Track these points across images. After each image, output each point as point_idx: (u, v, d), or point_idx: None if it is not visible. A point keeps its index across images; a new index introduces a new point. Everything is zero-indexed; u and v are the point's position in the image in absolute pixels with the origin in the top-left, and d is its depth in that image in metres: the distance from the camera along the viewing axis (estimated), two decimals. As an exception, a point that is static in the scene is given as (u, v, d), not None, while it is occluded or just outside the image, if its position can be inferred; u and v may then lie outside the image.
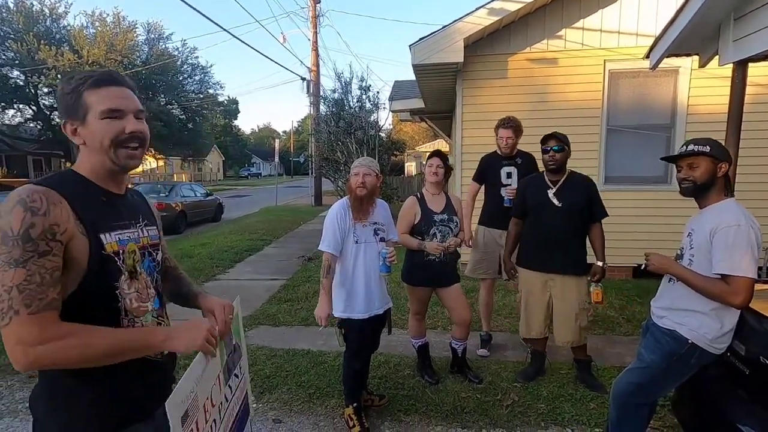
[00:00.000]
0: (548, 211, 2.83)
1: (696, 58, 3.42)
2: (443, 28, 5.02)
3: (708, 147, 1.79)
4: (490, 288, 3.61)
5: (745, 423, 1.73)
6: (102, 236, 0.99)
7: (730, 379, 1.95)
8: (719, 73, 4.44)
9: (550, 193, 2.83)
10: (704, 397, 2.03)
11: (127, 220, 1.09)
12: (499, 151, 3.47)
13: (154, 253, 1.18)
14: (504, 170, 3.44)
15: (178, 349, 1.03)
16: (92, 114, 1.01)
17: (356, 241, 2.44)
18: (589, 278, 2.84)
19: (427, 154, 3.08)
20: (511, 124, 3.36)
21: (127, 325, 1.04)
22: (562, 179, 2.84)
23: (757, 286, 2.22)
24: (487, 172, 3.51)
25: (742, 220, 1.70)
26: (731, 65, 2.86)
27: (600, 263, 2.83)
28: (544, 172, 2.92)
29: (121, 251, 1.03)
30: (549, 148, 2.79)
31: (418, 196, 2.94)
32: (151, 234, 1.18)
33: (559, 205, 2.81)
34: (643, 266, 2.02)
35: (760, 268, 4.93)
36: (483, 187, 3.59)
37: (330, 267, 2.39)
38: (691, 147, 1.83)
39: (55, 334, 0.89)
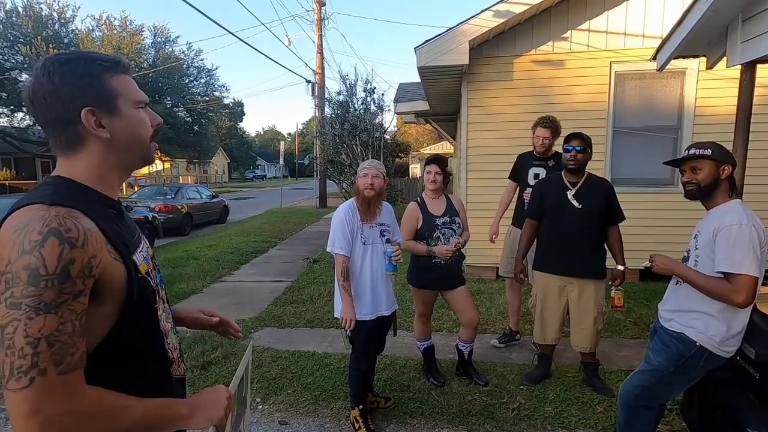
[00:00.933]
0: (567, 213, 2.79)
1: (703, 59, 3.40)
2: (448, 30, 5.03)
3: (709, 150, 1.80)
4: (512, 288, 3.62)
5: (755, 427, 1.72)
6: (134, 257, 0.85)
7: (739, 382, 1.93)
8: (726, 74, 4.42)
9: (570, 194, 2.79)
10: (713, 401, 2.01)
11: (134, 231, 0.94)
12: (534, 151, 3.43)
13: (157, 263, 1.03)
14: (532, 171, 3.40)
15: (198, 426, 0.87)
16: (124, 102, 0.86)
17: (363, 243, 2.44)
18: (609, 282, 2.75)
19: (425, 159, 3.07)
20: (550, 124, 3.30)
21: (166, 349, 0.93)
22: (581, 181, 2.80)
23: (767, 290, 2.21)
24: (518, 171, 3.49)
25: (744, 220, 1.71)
26: (739, 67, 2.84)
27: (620, 267, 2.74)
28: (562, 173, 2.88)
29: (149, 270, 0.91)
30: (572, 147, 2.74)
31: (419, 200, 2.94)
32: (147, 242, 1.02)
33: (579, 206, 2.76)
34: (644, 266, 2.02)
35: (768, 271, 4.90)
36: (517, 185, 3.59)
37: (347, 269, 2.39)
38: (692, 150, 1.85)
39: (85, 402, 0.71)
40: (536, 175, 3.37)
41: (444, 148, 20.51)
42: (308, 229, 10.81)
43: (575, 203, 2.77)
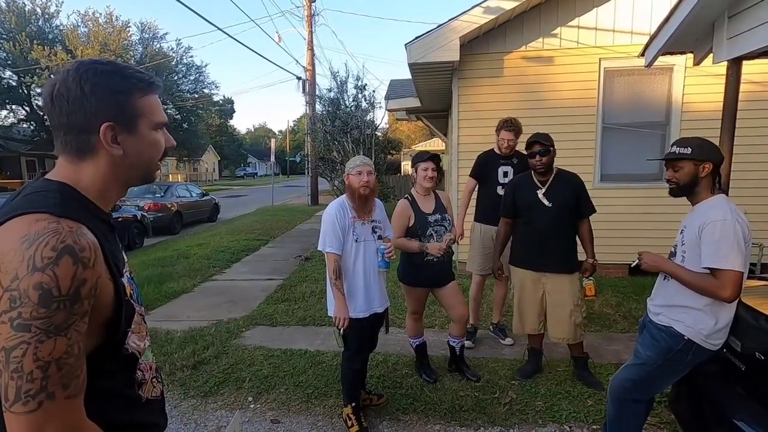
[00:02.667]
0: (539, 212, 2.87)
1: (690, 56, 3.44)
2: (439, 26, 5.02)
3: (689, 148, 1.82)
4: (481, 284, 3.67)
5: (741, 419, 1.74)
6: (123, 279, 0.83)
7: (726, 375, 1.96)
8: (713, 71, 4.47)
9: (540, 193, 2.87)
10: (701, 393, 2.04)
11: (120, 248, 0.91)
12: (498, 151, 3.52)
13: (133, 276, 0.97)
14: (501, 169, 3.50)
15: None
16: (145, 123, 0.86)
17: (356, 240, 2.43)
18: (580, 274, 2.88)
19: (413, 156, 3.06)
20: (514, 127, 3.42)
21: (139, 374, 0.90)
22: (551, 179, 2.87)
23: (752, 283, 2.25)
24: (485, 170, 3.55)
25: (728, 215, 1.73)
26: (725, 63, 2.88)
27: (590, 260, 2.85)
28: (533, 172, 2.94)
29: (132, 292, 0.87)
30: (534, 153, 2.82)
31: (409, 198, 2.93)
32: (125, 256, 0.95)
33: (549, 205, 2.84)
34: (633, 263, 2.04)
35: (753, 264, 4.97)
36: (477, 183, 3.63)
37: (339, 268, 2.37)
38: (673, 149, 1.87)
39: (86, 428, 0.72)
40: (505, 173, 3.49)
41: (435, 145, 20.53)
42: (300, 227, 10.76)
43: (546, 202, 2.85)
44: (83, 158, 0.82)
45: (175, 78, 27.70)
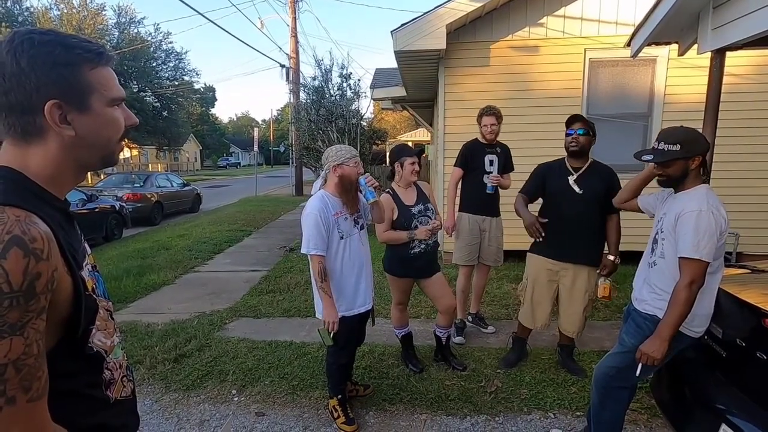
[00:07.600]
0: (568, 199, 2.76)
1: (673, 47, 3.45)
2: (425, 14, 4.94)
3: (678, 145, 1.80)
4: (468, 275, 3.64)
5: (722, 404, 1.78)
6: (82, 272, 0.76)
7: (707, 361, 2.00)
8: (695, 63, 4.53)
9: (571, 179, 2.76)
10: (682, 380, 2.08)
11: (80, 239, 0.84)
12: (482, 139, 3.51)
13: (98, 269, 0.90)
14: (487, 157, 3.48)
15: None
16: (98, 99, 0.77)
17: (341, 237, 2.36)
18: (598, 272, 2.79)
19: (394, 151, 2.96)
20: (494, 112, 3.42)
21: (107, 373, 0.85)
22: (585, 166, 2.78)
23: (733, 271, 2.29)
24: (471, 159, 3.52)
25: (704, 207, 1.74)
26: (709, 54, 2.89)
27: (612, 257, 2.74)
28: (565, 158, 2.85)
29: (94, 285, 0.81)
30: (573, 131, 2.71)
31: (390, 192, 2.86)
32: (87, 245, 0.89)
33: (580, 192, 2.74)
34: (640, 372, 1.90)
35: (729, 253, 5.10)
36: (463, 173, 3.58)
37: (324, 270, 2.27)
38: (661, 146, 1.84)
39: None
40: (491, 162, 3.47)
41: (421, 134, 20.50)
42: (284, 218, 10.65)
43: (576, 188, 2.75)
44: (30, 141, 0.74)
45: (154, 64, 26.92)
